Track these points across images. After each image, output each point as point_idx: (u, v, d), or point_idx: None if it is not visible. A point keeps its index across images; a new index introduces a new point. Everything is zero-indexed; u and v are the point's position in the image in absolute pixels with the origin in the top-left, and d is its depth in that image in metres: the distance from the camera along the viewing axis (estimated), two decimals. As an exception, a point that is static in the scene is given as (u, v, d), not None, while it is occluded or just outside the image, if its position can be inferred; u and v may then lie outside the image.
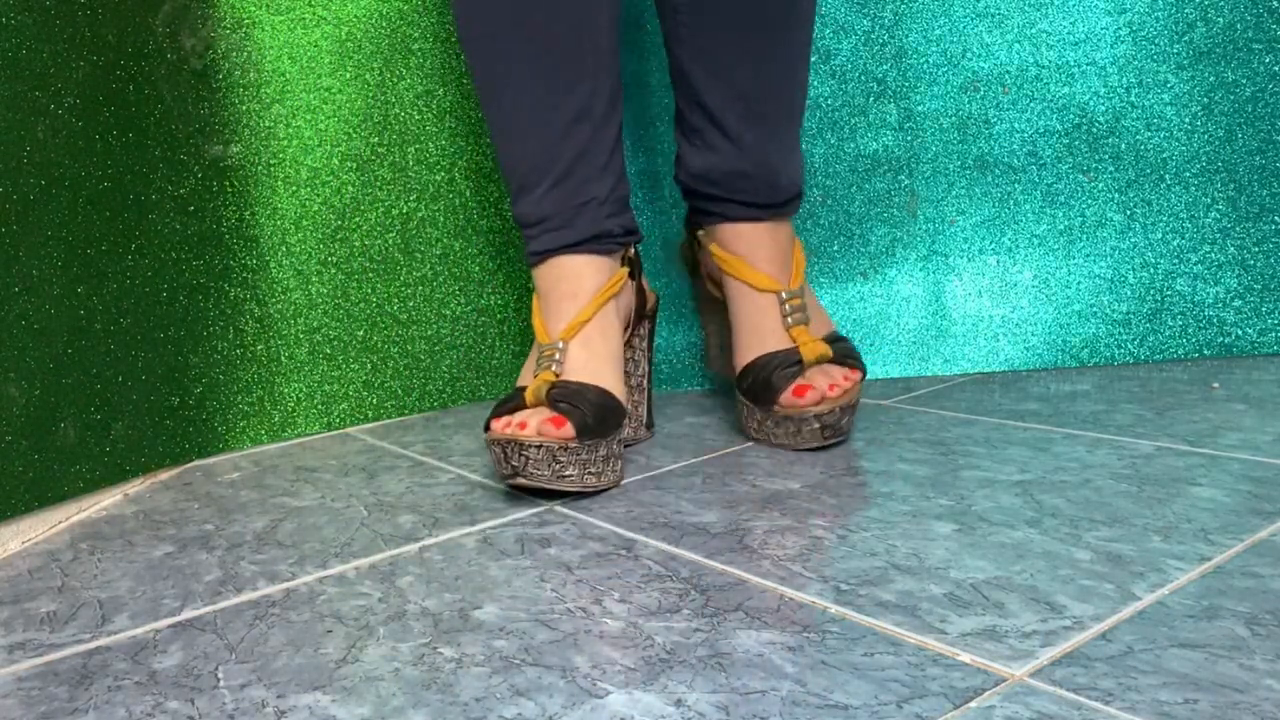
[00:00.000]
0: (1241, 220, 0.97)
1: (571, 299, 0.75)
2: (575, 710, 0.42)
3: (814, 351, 0.77)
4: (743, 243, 0.81)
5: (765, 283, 0.80)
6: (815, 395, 0.75)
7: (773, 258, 0.80)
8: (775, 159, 0.79)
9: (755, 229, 0.80)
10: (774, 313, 0.79)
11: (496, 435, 0.69)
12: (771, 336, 0.79)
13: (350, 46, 0.95)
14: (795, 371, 0.77)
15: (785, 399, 0.76)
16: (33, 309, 0.72)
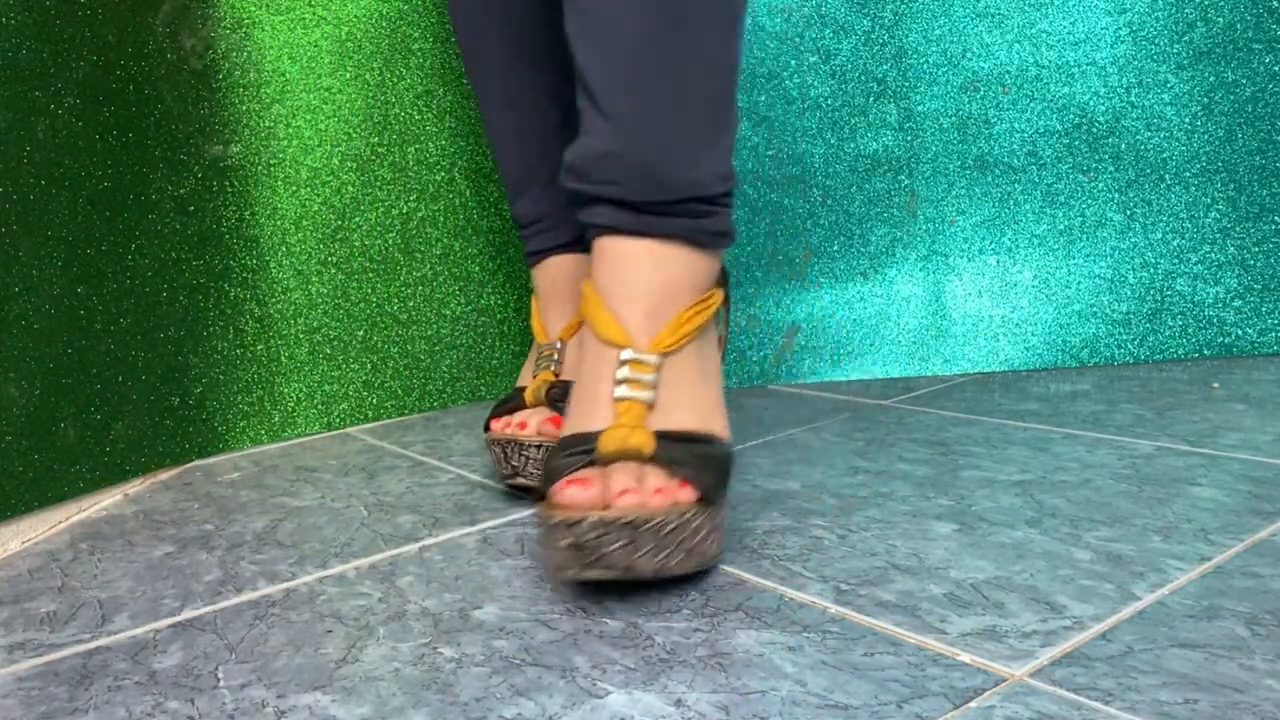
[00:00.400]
0: (1241, 220, 0.97)
1: (570, 299, 0.75)
2: (575, 710, 0.42)
3: (619, 440, 0.52)
4: (608, 268, 0.58)
5: (608, 330, 0.56)
6: (581, 496, 0.49)
7: (638, 299, 0.56)
8: (658, 139, 0.57)
9: (625, 248, 0.57)
10: (607, 375, 0.55)
11: (496, 435, 0.69)
12: (593, 408, 0.55)
13: (350, 46, 0.95)
14: (579, 461, 0.52)
15: (550, 493, 0.51)
16: (33, 309, 0.72)
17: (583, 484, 0.50)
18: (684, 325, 0.56)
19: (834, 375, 1.02)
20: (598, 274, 0.58)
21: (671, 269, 0.57)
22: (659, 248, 0.57)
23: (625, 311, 0.56)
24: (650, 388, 0.55)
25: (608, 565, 0.48)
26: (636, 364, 0.55)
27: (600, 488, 0.50)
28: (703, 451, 0.53)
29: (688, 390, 0.56)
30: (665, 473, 0.51)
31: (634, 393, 0.54)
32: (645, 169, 0.57)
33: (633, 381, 0.54)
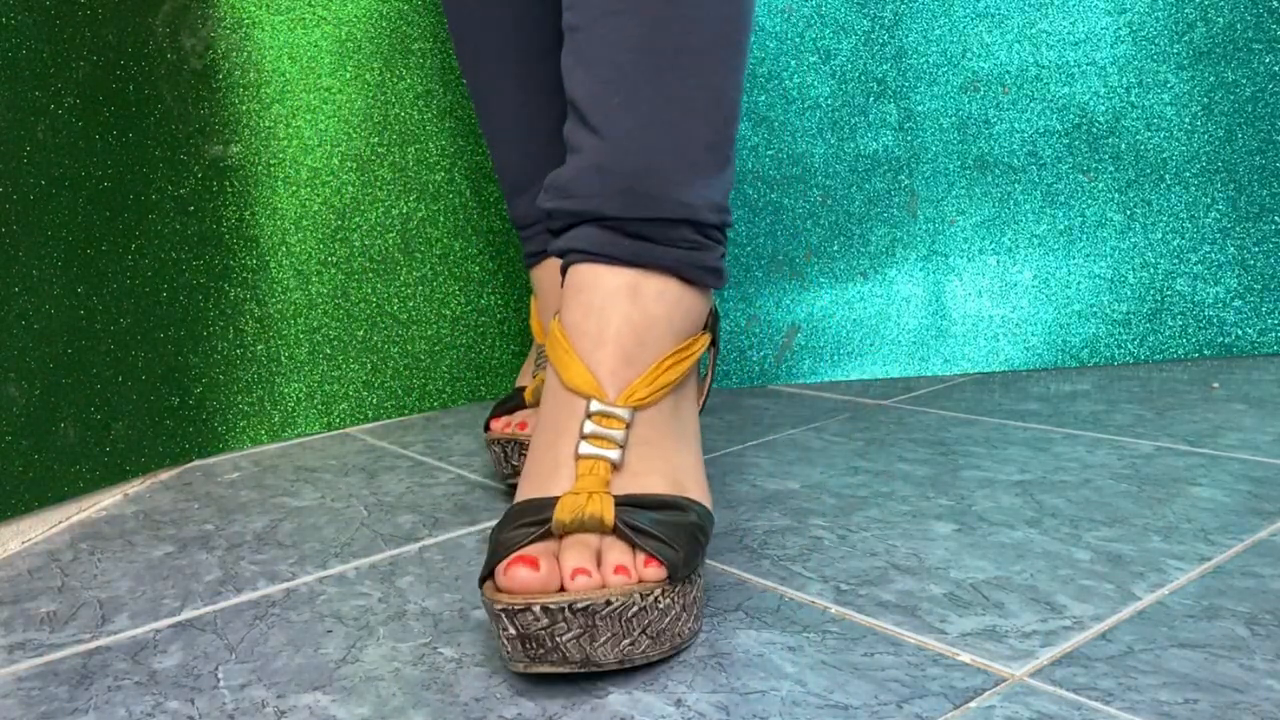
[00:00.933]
0: (1241, 220, 0.97)
1: None
2: (575, 710, 0.42)
3: (574, 508, 0.46)
4: (580, 302, 0.51)
5: (574, 377, 0.50)
6: (529, 579, 0.43)
7: (611, 342, 0.50)
8: (650, 155, 0.51)
9: (602, 278, 0.51)
10: (571, 430, 0.49)
11: (496, 435, 0.69)
12: (553, 470, 0.49)
13: (350, 46, 0.95)
14: (533, 535, 0.45)
15: (496, 574, 0.45)
16: (33, 309, 0.72)
17: (530, 564, 0.43)
18: (661, 375, 0.50)
19: (834, 375, 1.02)
20: (568, 310, 0.52)
21: (653, 306, 0.51)
22: (642, 280, 0.51)
23: (596, 356, 0.50)
24: (618, 445, 0.48)
25: (561, 658, 0.42)
26: (604, 417, 0.49)
27: (550, 566, 0.43)
28: (672, 520, 0.46)
29: (662, 450, 0.50)
30: (628, 546, 0.45)
31: (599, 450, 0.48)
32: (633, 181, 0.51)
33: (598, 438, 0.48)
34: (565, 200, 0.53)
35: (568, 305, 0.52)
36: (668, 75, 0.52)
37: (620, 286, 0.51)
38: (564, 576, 0.43)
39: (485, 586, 0.45)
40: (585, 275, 0.52)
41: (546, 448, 0.50)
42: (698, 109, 0.53)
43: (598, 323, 0.50)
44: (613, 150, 0.51)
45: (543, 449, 0.50)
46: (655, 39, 0.52)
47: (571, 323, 0.51)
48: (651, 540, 0.45)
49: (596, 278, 0.51)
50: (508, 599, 0.42)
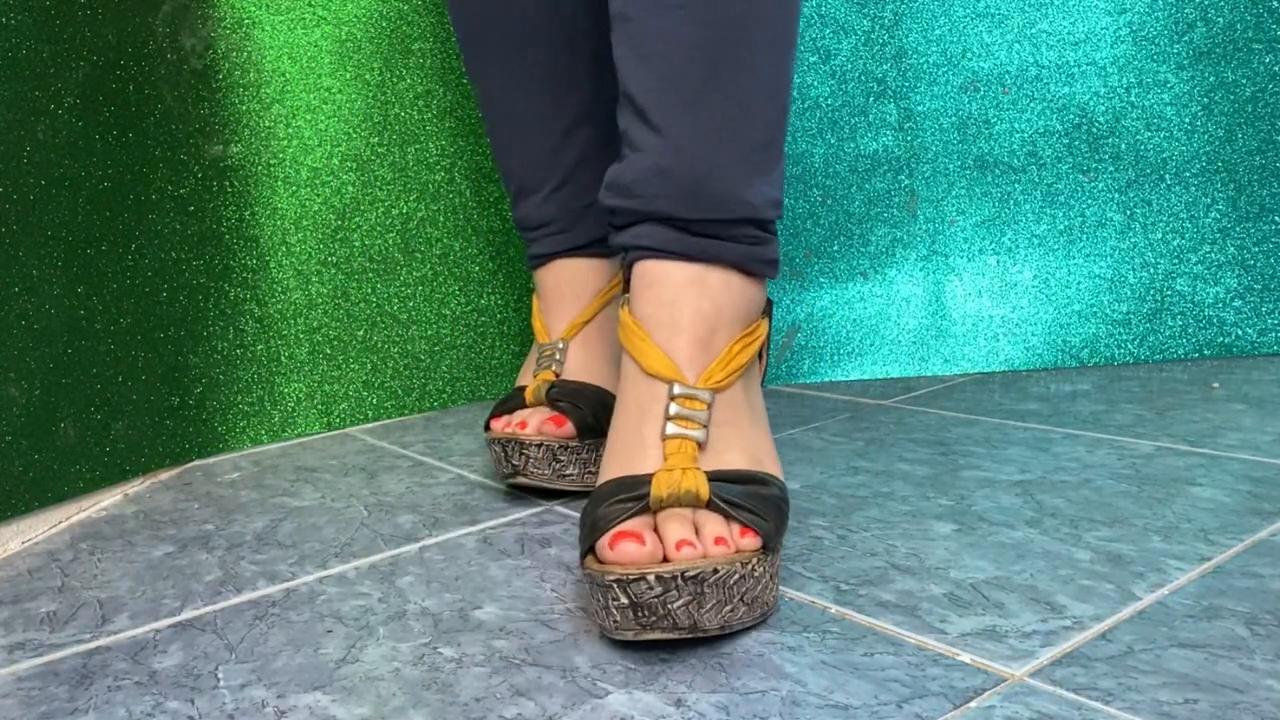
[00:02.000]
0: (1241, 220, 0.97)
1: (574, 300, 0.74)
2: (575, 710, 0.42)
3: (671, 483, 0.48)
4: (653, 298, 0.54)
5: (656, 363, 0.52)
6: (636, 552, 0.45)
7: (686, 330, 0.53)
8: (711, 158, 0.54)
9: (673, 273, 0.54)
10: (655, 413, 0.51)
11: (496, 434, 0.69)
12: (639, 450, 0.51)
13: (350, 46, 0.95)
14: (632, 510, 0.47)
15: (599, 548, 0.47)
16: (33, 309, 0.72)
17: (636, 538, 0.45)
18: (735, 358, 0.53)
19: (834, 375, 1.02)
20: (640, 302, 0.54)
21: (721, 298, 0.54)
22: (708, 274, 0.54)
23: (673, 344, 0.52)
24: (702, 425, 0.51)
25: (671, 625, 0.44)
26: (688, 399, 0.51)
27: (654, 539, 0.46)
28: (761, 494, 0.49)
29: (739, 429, 0.52)
30: (723, 519, 0.48)
31: (686, 430, 0.50)
32: (697, 185, 0.53)
33: (684, 419, 0.51)
34: (630, 200, 0.55)
35: (639, 299, 0.55)
36: (726, 75, 0.54)
37: (689, 280, 0.54)
38: (667, 548, 0.46)
39: (587, 561, 0.47)
40: (654, 271, 0.55)
41: (631, 430, 0.52)
42: (756, 108, 0.55)
43: (670, 313, 0.53)
44: (676, 153, 0.54)
45: (627, 431, 0.52)
46: (714, 36, 0.53)
47: (646, 314, 0.54)
48: (746, 513, 0.48)
49: (665, 273, 0.54)
50: (620, 569, 0.44)
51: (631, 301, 0.55)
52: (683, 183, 0.54)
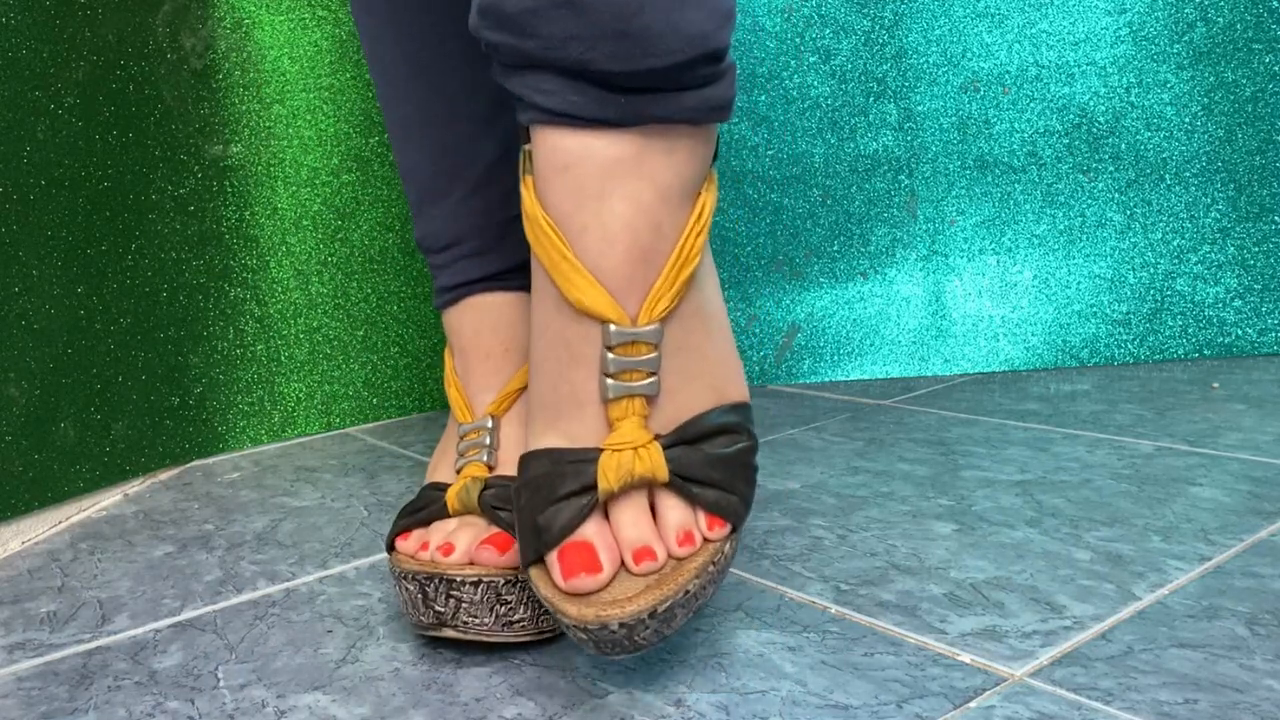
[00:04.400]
0: (1241, 220, 0.97)
1: (503, 356, 0.53)
2: (575, 710, 0.42)
3: (622, 470, 0.39)
4: (569, 186, 0.39)
5: (584, 295, 0.39)
6: (590, 583, 0.38)
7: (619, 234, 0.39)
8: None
9: (593, 148, 0.39)
10: (588, 361, 0.40)
11: (409, 566, 0.47)
12: (573, 409, 0.41)
13: (350, 47, 0.95)
14: (581, 507, 0.40)
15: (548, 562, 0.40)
16: (33, 309, 0.72)
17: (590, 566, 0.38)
18: (684, 266, 0.40)
19: (834, 375, 1.02)
20: (551, 192, 0.39)
21: (664, 175, 0.39)
22: (647, 144, 0.38)
23: (604, 260, 0.39)
24: (652, 373, 0.40)
25: (634, 648, 0.39)
26: (630, 346, 0.39)
27: (611, 558, 0.39)
28: (727, 455, 0.41)
29: (693, 354, 0.41)
30: (686, 504, 0.41)
31: (631, 384, 0.40)
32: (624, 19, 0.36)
33: (627, 372, 0.40)
34: (522, 39, 0.38)
35: (549, 185, 0.39)
36: None
37: (620, 158, 0.38)
38: (625, 556, 0.39)
39: (535, 574, 0.40)
40: (569, 146, 0.38)
41: (560, 376, 0.41)
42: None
43: (597, 212, 0.38)
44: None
45: (555, 377, 0.41)
46: None
47: (562, 212, 0.39)
48: (711, 492, 0.41)
49: (586, 150, 0.38)
50: (577, 614, 0.38)
51: (539, 187, 0.40)
52: (603, 19, 0.36)
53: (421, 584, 0.46)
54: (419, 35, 0.52)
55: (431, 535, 0.49)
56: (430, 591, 0.46)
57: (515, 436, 0.51)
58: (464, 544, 0.47)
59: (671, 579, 0.39)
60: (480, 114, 0.52)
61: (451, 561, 0.46)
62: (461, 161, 0.53)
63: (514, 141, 0.53)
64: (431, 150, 0.54)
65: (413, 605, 0.47)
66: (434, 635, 0.46)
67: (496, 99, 0.52)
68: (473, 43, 0.49)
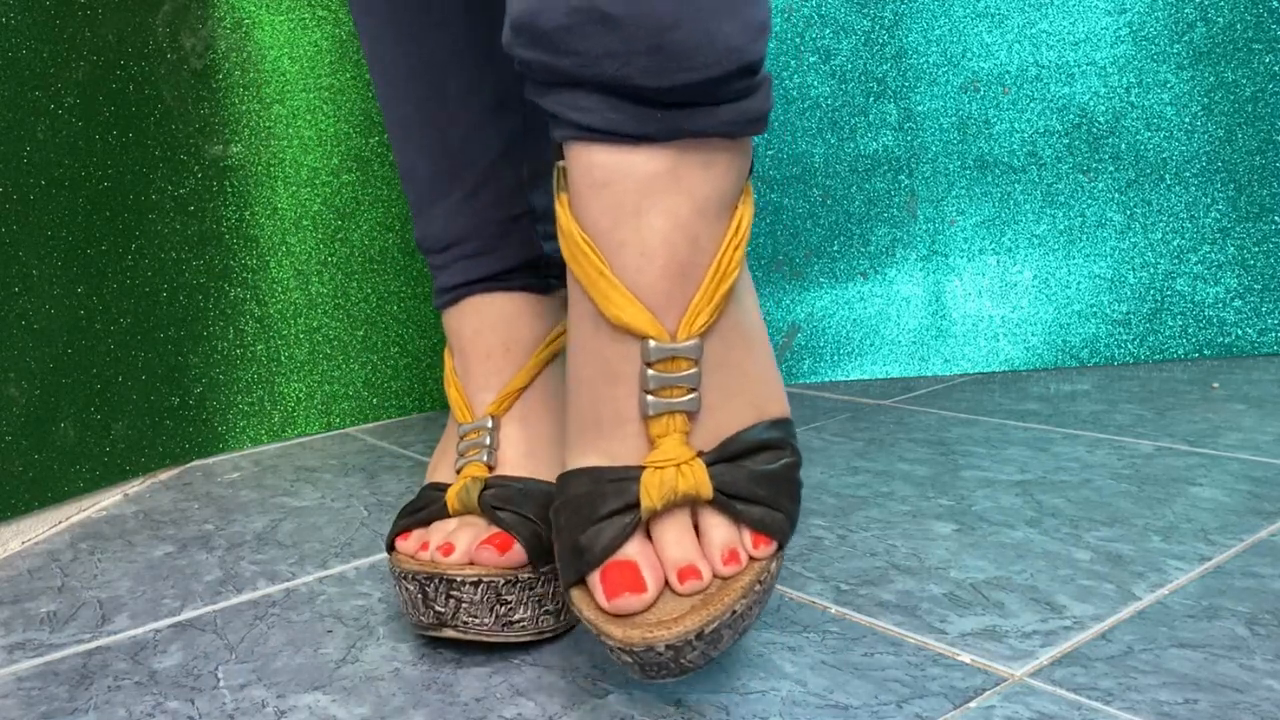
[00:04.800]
0: (1241, 220, 0.97)
1: (503, 356, 0.53)
2: (575, 710, 0.42)
3: (666, 488, 0.39)
4: (606, 203, 0.39)
5: (624, 312, 0.39)
6: (635, 603, 0.38)
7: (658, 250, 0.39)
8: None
9: (631, 164, 0.38)
10: (627, 379, 0.40)
11: (408, 565, 0.47)
12: (613, 428, 0.41)
13: (350, 47, 0.95)
14: (624, 527, 0.39)
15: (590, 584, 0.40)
16: (33, 309, 0.72)
17: (634, 585, 0.38)
18: (723, 281, 0.39)
19: (834, 375, 1.02)
20: (587, 210, 0.39)
21: (702, 188, 0.39)
22: (684, 158, 0.38)
23: (643, 277, 0.39)
24: (692, 389, 0.40)
25: (681, 671, 0.38)
26: (670, 362, 0.39)
27: (655, 577, 0.39)
28: (771, 471, 0.41)
29: (734, 370, 0.41)
30: (730, 521, 0.40)
31: (673, 401, 0.39)
32: (661, 36, 0.36)
33: (667, 389, 0.39)
34: (556, 57, 0.38)
35: (585, 202, 0.39)
36: None
37: (657, 173, 0.38)
38: (669, 575, 0.39)
39: (577, 595, 0.40)
40: (605, 162, 0.38)
41: (600, 395, 0.41)
42: None
43: (636, 229, 0.38)
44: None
45: (595, 395, 0.41)
46: None
47: (600, 229, 0.39)
48: (757, 509, 0.40)
49: (623, 167, 0.38)
50: (622, 636, 0.37)
51: (575, 205, 0.40)
52: (638, 35, 0.36)
53: (421, 584, 0.46)
54: (419, 35, 0.52)
55: (431, 535, 0.49)
56: (430, 591, 0.46)
57: (515, 436, 0.51)
58: (464, 544, 0.47)
59: (718, 599, 0.38)
60: (480, 114, 0.53)
61: (451, 561, 0.47)
62: (461, 161, 0.53)
63: (514, 141, 0.53)
64: (431, 150, 0.54)
65: (412, 605, 0.47)
66: (434, 635, 0.47)
67: (496, 99, 0.52)
68: (472, 43, 0.52)
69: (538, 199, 0.54)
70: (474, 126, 0.53)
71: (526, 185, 0.53)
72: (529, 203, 0.54)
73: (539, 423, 0.52)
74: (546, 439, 0.52)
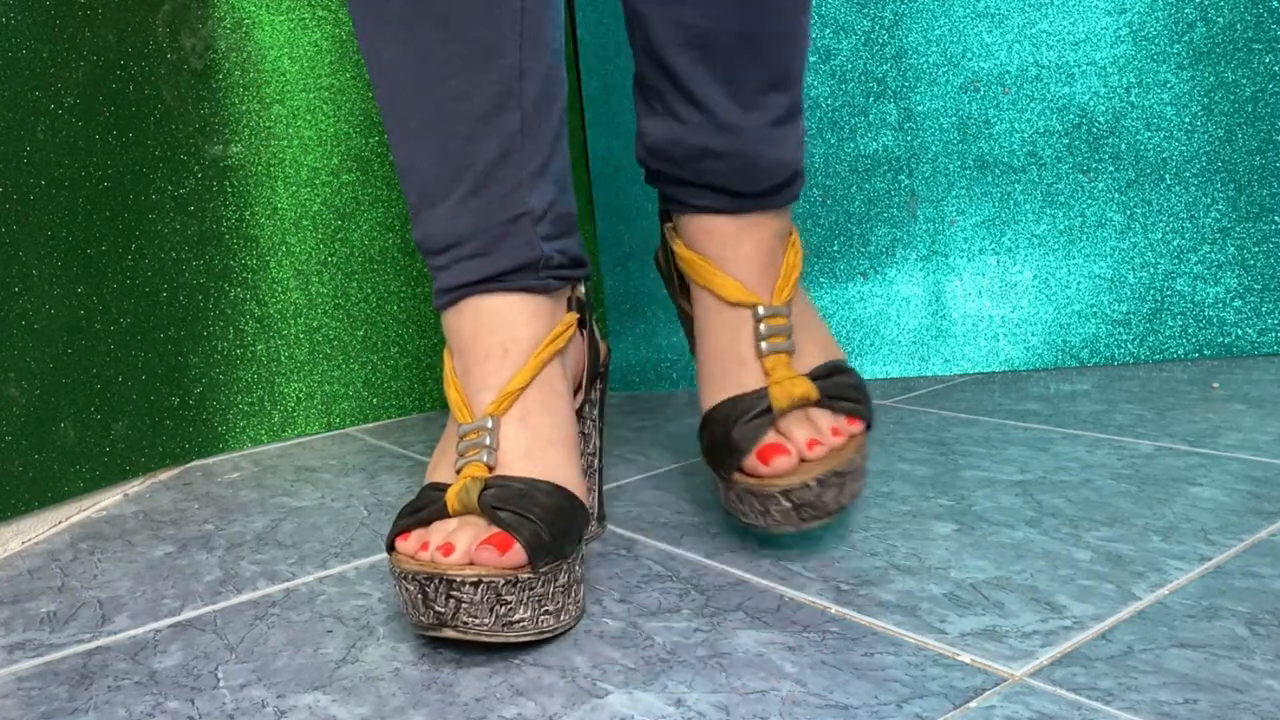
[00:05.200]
0: (1241, 220, 0.97)
1: (502, 357, 0.54)
2: (575, 710, 0.42)
3: (787, 393, 0.56)
4: (713, 241, 0.60)
5: (735, 293, 0.58)
6: (786, 463, 0.54)
7: (751, 260, 0.60)
8: (756, 133, 0.58)
9: (729, 224, 0.60)
10: (746, 335, 0.58)
11: (410, 566, 0.48)
12: (739, 370, 0.58)
13: (350, 46, 0.95)
14: (762, 424, 0.55)
15: (748, 465, 0.55)
16: (33, 309, 0.72)
17: (781, 451, 0.54)
18: (792, 272, 0.60)
19: (834, 375, 1.02)
20: (703, 245, 0.61)
21: (770, 226, 0.60)
22: (756, 221, 0.60)
23: (745, 273, 0.59)
24: (788, 337, 0.58)
25: (824, 512, 0.54)
26: (773, 318, 0.58)
27: (794, 447, 0.55)
28: (850, 382, 0.58)
29: (808, 331, 0.60)
30: (830, 412, 0.57)
31: (779, 345, 0.58)
32: (745, 167, 0.58)
33: (774, 335, 0.58)
34: (680, 171, 0.59)
35: (701, 243, 0.61)
36: (766, 50, 0.57)
37: (739, 226, 0.60)
38: (800, 448, 0.55)
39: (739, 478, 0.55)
40: (709, 226, 0.60)
41: (727, 352, 0.59)
42: (791, 74, 0.59)
43: (734, 248, 0.60)
44: (726, 135, 0.58)
45: (722, 354, 0.59)
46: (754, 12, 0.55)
47: (710, 252, 0.60)
48: (849, 403, 0.57)
49: (722, 224, 0.60)
50: (783, 482, 0.53)
51: (688, 242, 0.61)
52: (735, 164, 0.58)
53: (421, 584, 0.46)
54: (417, 36, 0.53)
55: (431, 535, 0.49)
56: (430, 592, 0.46)
57: (515, 436, 0.53)
58: (464, 544, 0.48)
59: (840, 454, 0.55)
60: (479, 116, 0.54)
61: (451, 562, 0.47)
62: (460, 163, 0.55)
63: (513, 143, 0.55)
64: (431, 152, 0.55)
65: (413, 605, 0.47)
66: (434, 635, 0.47)
67: (495, 101, 0.54)
68: (470, 44, 0.53)
69: (537, 200, 0.55)
70: (473, 128, 0.54)
71: (525, 187, 0.55)
72: (528, 204, 0.55)
73: (538, 423, 0.53)
74: (546, 439, 0.53)
